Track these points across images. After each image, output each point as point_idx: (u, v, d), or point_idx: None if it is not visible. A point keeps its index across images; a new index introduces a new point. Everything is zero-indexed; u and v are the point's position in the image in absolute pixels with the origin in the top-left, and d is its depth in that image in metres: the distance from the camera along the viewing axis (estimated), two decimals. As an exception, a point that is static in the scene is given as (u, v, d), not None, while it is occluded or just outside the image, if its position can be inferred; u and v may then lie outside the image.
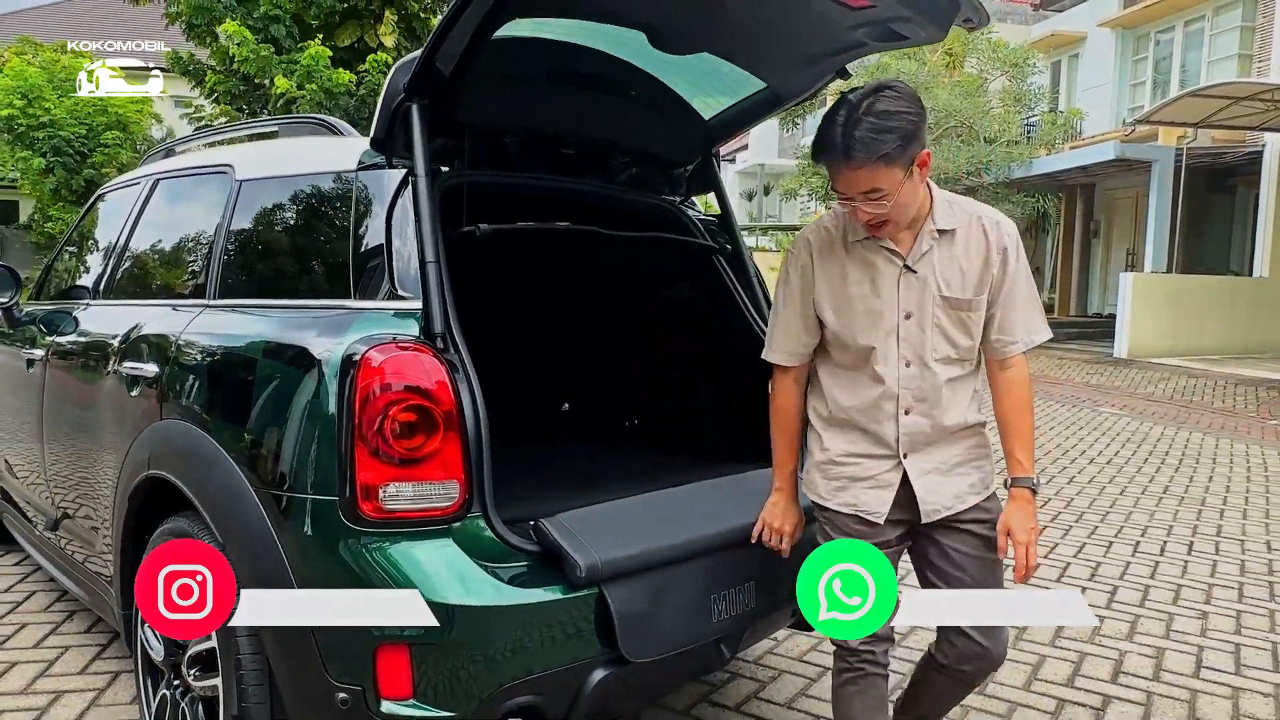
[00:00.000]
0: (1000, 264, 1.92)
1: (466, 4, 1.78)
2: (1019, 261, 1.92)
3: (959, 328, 1.92)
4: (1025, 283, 1.94)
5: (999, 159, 15.18)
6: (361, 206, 2.06)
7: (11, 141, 17.24)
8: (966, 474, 1.98)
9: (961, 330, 1.93)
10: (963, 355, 1.95)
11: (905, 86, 1.85)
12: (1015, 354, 1.95)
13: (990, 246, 1.92)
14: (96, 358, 2.64)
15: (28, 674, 2.80)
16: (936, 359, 1.93)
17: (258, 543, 1.83)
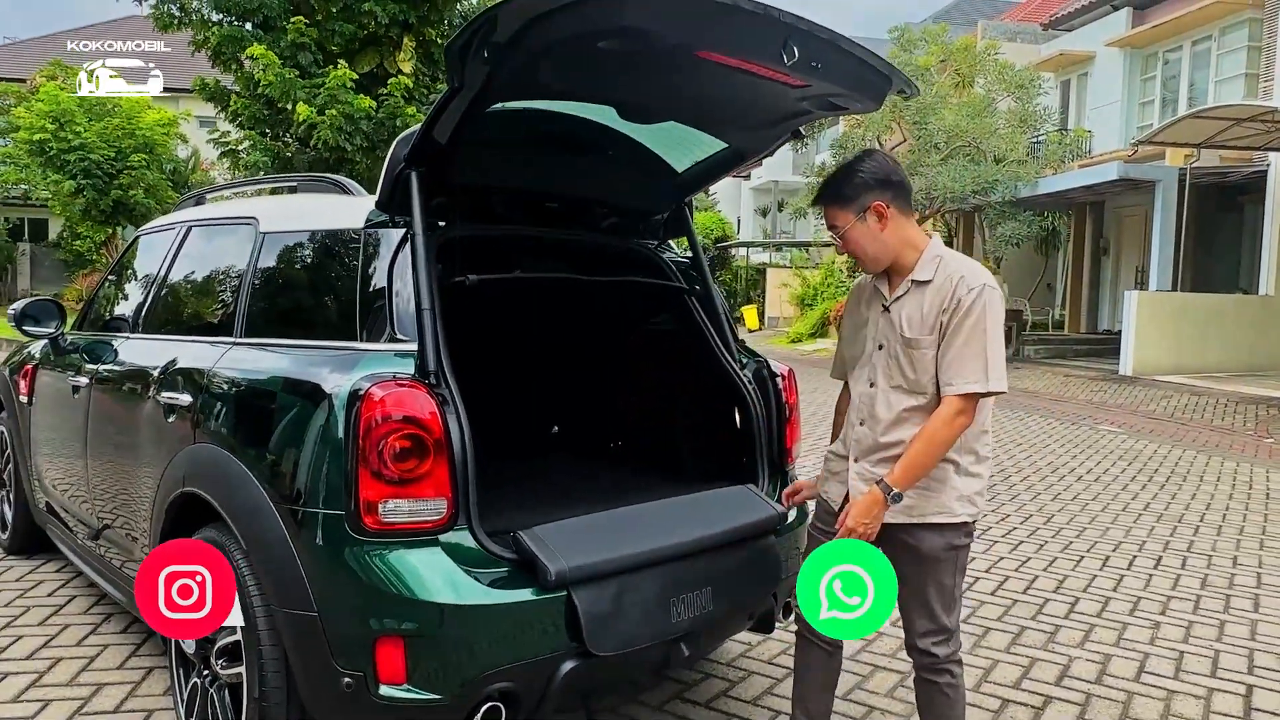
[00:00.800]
0: (951, 314, 2.16)
1: (454, 95, 2.10)
2: (972, 316, 2.13)
3: (910, 363, 2.22)
4: (974, 335, 2.13)
5: (1005, 178, 15.40)
6: (367, 259, 2.38)
7: (43, 164, 17.82)
8: (908, 495, 2.20)
9: (909, 365, 2.22)
10: (913, 387, 2.22)
11: (879, 153, 2.33)
12: (947, 394, 2.16)
13: (950, 298, 2.17)
14: (137, 386, 2.97)
15: (71, 669, 3.12)
16: (892, 385, 2.26)
17: (277, 550, 2.15)
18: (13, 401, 4.17)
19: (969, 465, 2.25)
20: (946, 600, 2.28)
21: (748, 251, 32.96)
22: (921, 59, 16.98)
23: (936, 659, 2.29)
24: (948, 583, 2.27)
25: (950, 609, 2.29)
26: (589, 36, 1.96)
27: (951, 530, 2.25)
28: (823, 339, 21.49)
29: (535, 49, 1.98)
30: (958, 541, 2.27)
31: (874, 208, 2.22)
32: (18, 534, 4.24)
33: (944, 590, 2.27)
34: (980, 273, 2.21)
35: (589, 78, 2.29)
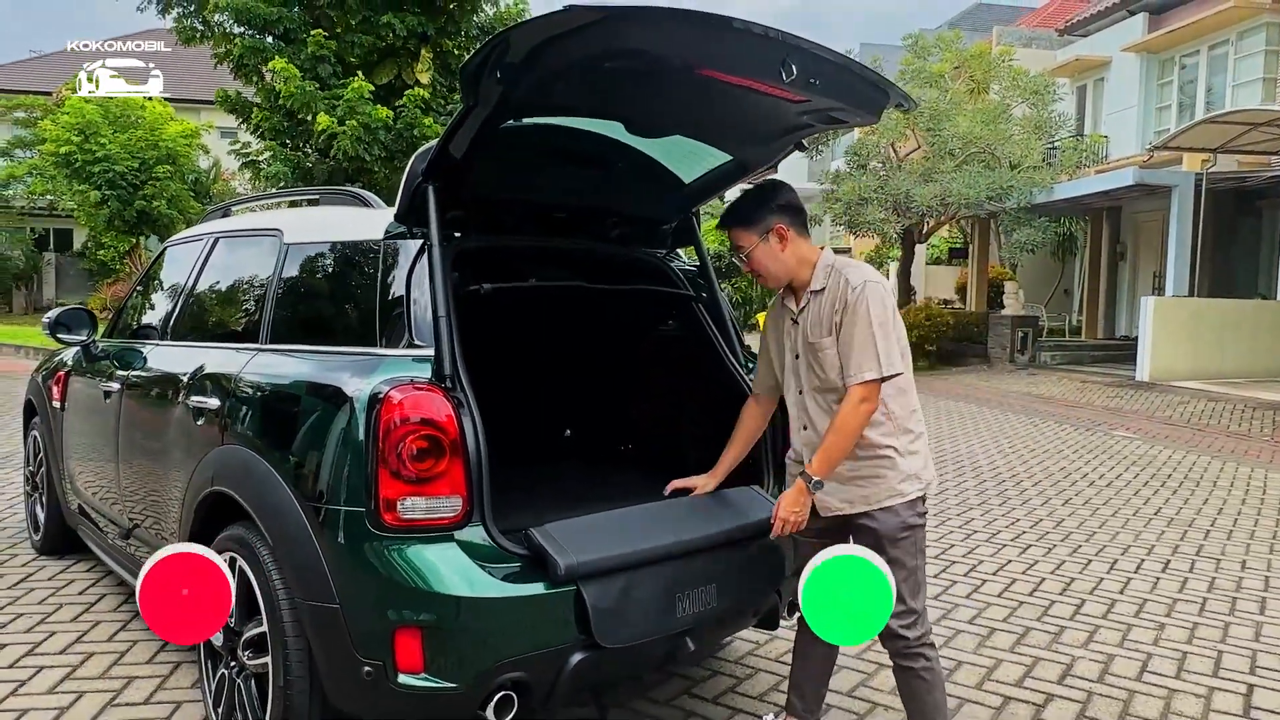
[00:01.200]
0: (842, 313, 2.37)
1: (469, 112, 2.21)
2: (858, 312, 2.34)
3: (819, 364, 2.44)
4: (863, 329, 2.33)
5: (1020, 184, 15.40)
6: (387, 269, 2.49)
7: (69, 175, 18.16)
8: (860, 486, 2.41)
9: (819, 366, 2.44)
10: (825, 385, 2.44)
11: (779, 181, 2.59)
12: (849, 385, 2.35)
13: (839, 299, 2.38)
14: (167, 391, 3.10)
15: (103, 663, 3.25)
16: (811, 387, 2.48)
17: (301, 545, 2.26)
18: (46, 407, 4.32)
19: (907, 445, 2.43)
20: (910, 582, 2.41)
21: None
22: (935, 66, 17.01)
23: (908, 641, 2.42)
24: (909, 563, 2.41)
25: (915, 592, 2.43)
26: (596, 57, 2.07)
27: (905, 509, 2.41)
28: (838, 345, 21.55)
29: (546, 69, 2.08)
30: (912, 520, 2.41)
31: (776, 230, 2.45)
32: (50, 535, 4.39)
33: (905, 570, 2.40)
34: (863, 272, 2.42)
35: (597, 95, 2.39)
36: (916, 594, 2.43)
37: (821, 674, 2.68)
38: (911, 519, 2.42)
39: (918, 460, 2.45)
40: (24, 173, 23.89)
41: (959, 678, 3.32)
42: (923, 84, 16.40)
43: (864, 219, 16.10)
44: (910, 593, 2.41)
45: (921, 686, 2.45)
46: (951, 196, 15.15)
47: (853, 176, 16.77)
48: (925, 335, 16.24)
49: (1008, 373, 15.57)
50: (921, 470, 2.45)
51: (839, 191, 16.45)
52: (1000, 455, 8.19)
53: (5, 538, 4.80)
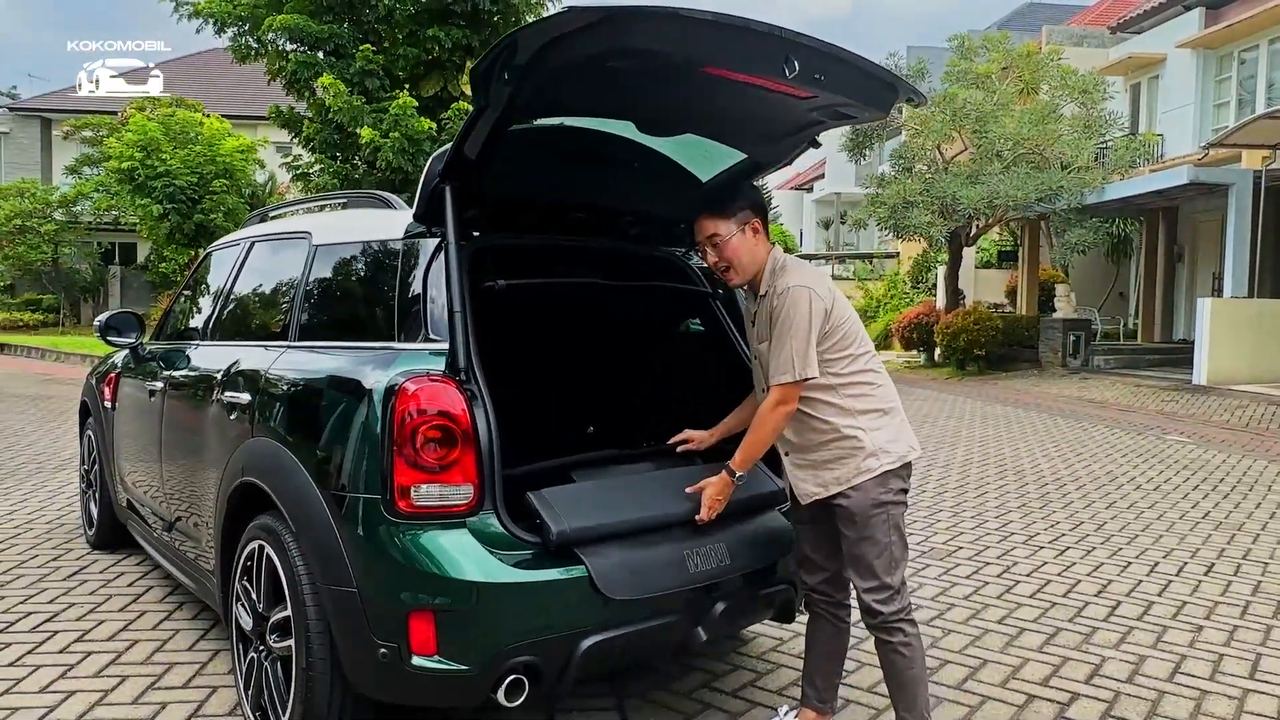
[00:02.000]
0: (773, 318, 2.47)
1: (480, 114, 2.28)
2: (781, 316, 2.43)
3: (761, 367, 2.56)
4: (781, 333, 2.42)
5: (1070, 185, 15.09)
6: (405, 267, 2.58)
7: (132, 190, 18.82)
8: (831, 469, 2.48)
9: (762, 370, 2.56)
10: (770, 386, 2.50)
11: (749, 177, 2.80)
12: (772, 384, 2.44)
13: (773, 305, 2.47)
14: (203, 388, 3.24)
15: (147, 649, 3.39)
16: (764, 389, 2.54)
17: (322, 532, 2.35)
18: (98, 407, 4.52)
19: (870, 424, 2.46)
20: (884, 558, 2.44)
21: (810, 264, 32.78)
22: (981, 66, 16.77)
23: (884, 616, 2.45)
24: (881, 539, 2.45)
25: (890, 568, 2.45)
26: (599, 57, 2.13)
27: (874, 485, 2.44)
28: (886, 351, 21.30)
29: (551, 70, 2.15)
30: (882, 496, 2.43)
31: (751, 223, 2.54)
32: (103, 530, 4.58)
33: (879, 546, 2.44)
34: (793, 276, 2.47)
35: (606, 95, 2.45)
36: (891, 570, 2.46)
37: (832, 664, 2.70)
38: (882, 495, 2.45)
39: (882, 435, 2.47)
40: (91, 189, 24.84)
41: (983, 675, 3.30)
42: (969, 85, 16.19)
43: (909, 222, 15.93)
44: (884, 569, 2.45)
45: (900, 661, 2.48)
46: (999, 198, 14.92)
47: (898, 180, 16.61)
48: (974, 339, 15.99)
49: (1059, 377, 15.26)
50: (889, 443, 2.47)
51: (883, 195, 16.31)
52: (1045, 459, 8.04)
53: (63, 533, 5.02)
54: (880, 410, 2.50)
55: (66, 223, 25.90)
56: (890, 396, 2.55)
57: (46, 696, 2.99)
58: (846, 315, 2.49)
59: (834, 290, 2.51)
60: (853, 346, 2.48)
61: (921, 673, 2.50)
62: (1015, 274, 19.98)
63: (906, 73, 16.87)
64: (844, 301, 2.52)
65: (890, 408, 2.53)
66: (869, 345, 2.55)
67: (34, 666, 3.23)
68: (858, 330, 2.51)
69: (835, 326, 2.46)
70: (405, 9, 14.13)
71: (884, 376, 2.56)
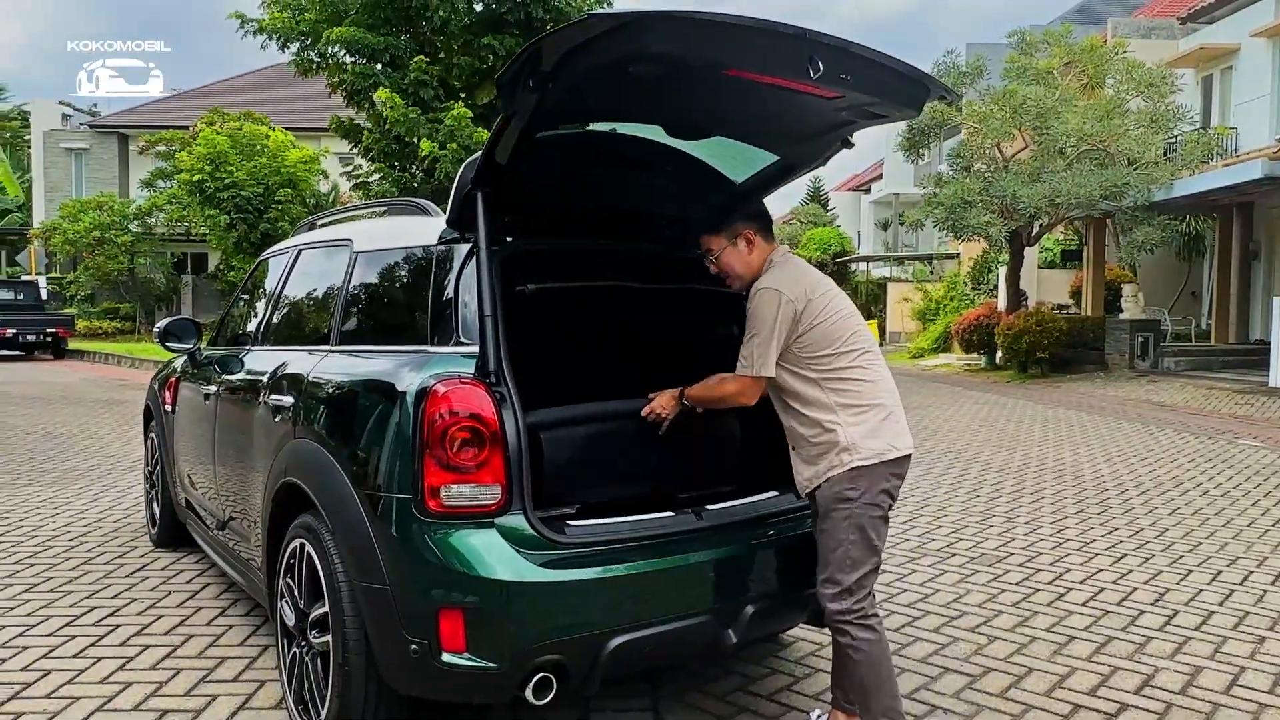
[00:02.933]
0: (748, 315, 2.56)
1: (508, 121, 2.32)
2: (750, 315, 2.54)
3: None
4: (749, 330, 2.54)
5: (1137, 181, 14.63)
6: (439, 272, 2.64)
7: (202, 202, 19.51)
8: (814, 463, 2.54)
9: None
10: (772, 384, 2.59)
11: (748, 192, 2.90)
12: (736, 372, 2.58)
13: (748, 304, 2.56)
14: (252, 391, 3.35)
15: (201, 644, 3.52)
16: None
17: (357, 530, 2.41)
18: (160, 411, 4.70)
19: (849, 419, 2.47)
20: (839, 554, 2.45)
21: (868, 266, 32.36)
22: (1043, 62, 16.38)
23: (830, 612, 2.48)
24: (839, 535, 2.46)
25: (844, 567, 2.46)
26: (621, 62, 2.15)
27: (840, 479, 2.46)
28: (945, 354, 20.90)
29: (575, 76, 2.17)
30: (846, 492, 2.44)
31: (744, 235, 2.62)
32: (164, 529, 4.76)
33: (834, 541, 2.47)
34: (768, 278, 2.54)
35: (631, 100, 2.48)
36: (845, 569, 2.46)
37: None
38: (847, 491, 2.45)
39: (858, 430, 2.47)
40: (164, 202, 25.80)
41: (1027, 684, 3.22)
42: (1029, 81, 15.82)
43: (967, 222, 15.63)
44: (838, 566, 2.46)
45: (849, 662, 2.50)
46: (1061, 196, 14.55)
47: (956, 179, 16.31)
48: (1036, 341, 15.61)
49: (1126, 380, 14.80)
50: (864, 439, 2.46)
51: (940, 195, 16.02)
52: (1106, 463, 7.81)
53: (129, 532, 5.23)
54: (862, 406, 2.50)
55: (141, 234, 26.94)
56: (877, 393, 2.53)
57: (105, 687, 3.12)
58: (828, 313, 2.51)
59: (814, 290, 2.53)
60: (835, 344, 2.50)
61: (877, 681, 2.47)
62: (1080, 274, 19.45)
63: (964, 70, 16.55)
64: (828, 299, 2.53)
65: (874, 404, 2.51)
66: (861, 342, 2.54)
67: (96, 658, 3.37)
68: (844, 327, 2.52)
69: (812, 325, 2.48)
70: (460, 20, 14.40)
71: (876, 373, 2.55)
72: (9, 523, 5.41)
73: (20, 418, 10.40)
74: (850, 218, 40.36)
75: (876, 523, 2.49)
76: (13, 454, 7.89)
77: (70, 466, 7.34)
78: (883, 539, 2.53)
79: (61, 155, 31.57)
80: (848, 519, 2.46)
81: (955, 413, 11.49)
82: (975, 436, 9.37)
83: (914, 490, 6.60)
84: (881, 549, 2.53)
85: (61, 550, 4.82)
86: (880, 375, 2.57)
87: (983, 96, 16.18)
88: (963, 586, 4.33)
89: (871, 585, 2.51)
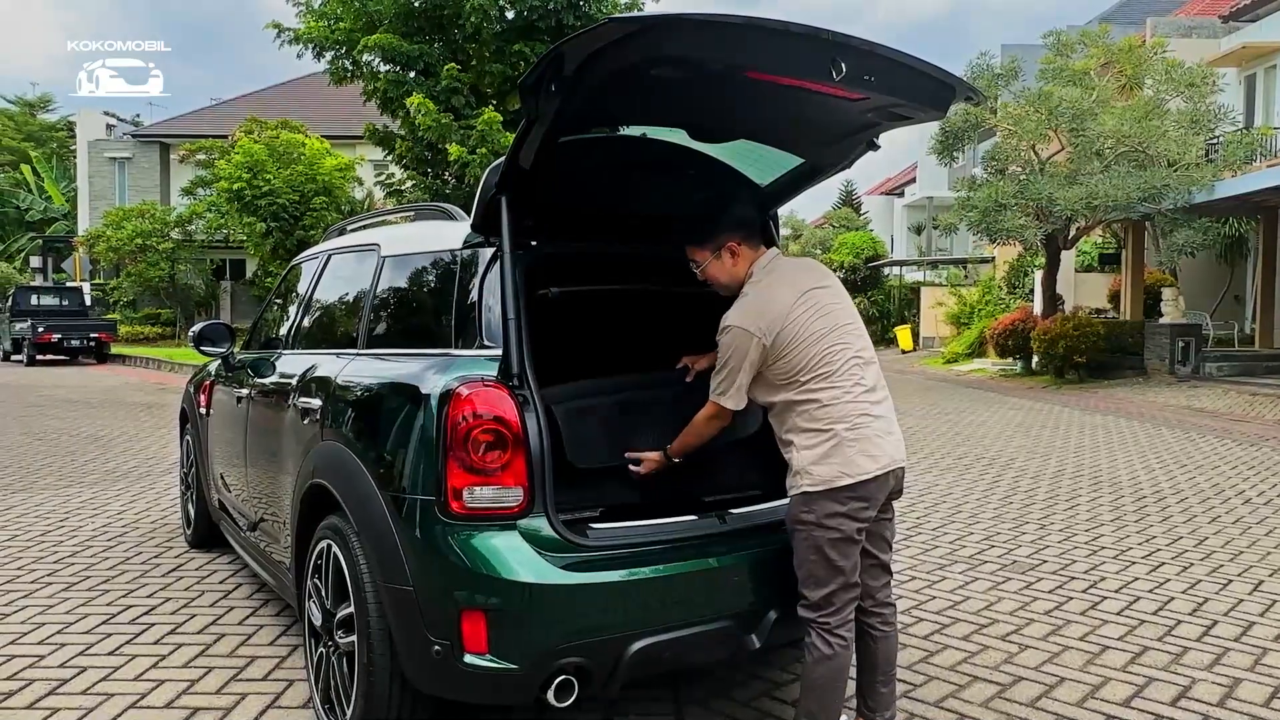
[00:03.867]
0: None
1: (531, 126, 2.34)
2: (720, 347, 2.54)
3: None
4: (718, 361, 2.55)
5: (1177, 183, 14.34)
6: (463, 276, 2.66)
7: (240, 209, 19.84)
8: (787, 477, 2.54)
9: None
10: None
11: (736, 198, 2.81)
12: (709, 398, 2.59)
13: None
14: (282, 395, 3.39)
15: (232, 643, 3.57)
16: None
17: (382, 532, 2.43)
18: (195, 413, 4.79)
19: (804, 442, 2.46)
20: (804, 573, 2.48)
21: (901, 270, 32.05)
22: (1079, 63, 16.14)
23: (801, 615, 2.50)
24: (800, 554, 2.48)
25: (809, 585, 2.47)
26: (641, 66, 2.15)
27: (796, 502, 2.48)
28: (980, 359, 20.63)
29: (597, 80, 2.18)
30: (804, 515, 2.44)
31: (728, 246, 2.61)
32: (199, 529, 4.85)
33: (799, 559, 2.49)
34: (734, 313, 2.53)
35: (653, 104, 2.48)
36: (809, 587, 2.47)
37: (868, 672, 2.66)
38: (803, 514, 2.45)
39: (808, 455, 2.45)
40: (204, 209, 26.31)
41: (1058, 693, 3.16)
42: (1065, 82, 15.60)
43: (1001, 225, 15.43)
44: (803, 582, 2.48)
45: (807, 663, 2.50)
46: (1098, 199, 14.29)
47: (990, 182, 16.11)
48: (1073, 346, 15.36)
49: (1165, 385, 14.51)
50: (811, 465, 2.43)
51: (974, 198, 15.84)
52: (1144, 470, 7.66)
53: (165, 532, 5.33)
54: (817, 431, 2.45)
55: (182, 241, 27.51)
56: (835, 418, 2.43)
57: (139, 684, 3.18)
58: (799, 339, 2.45)
59: (788, 315, 2.46)
60: (800, 371, 2.45)
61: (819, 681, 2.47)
62: (1118, 278, 19.12)
63: (998, 72, 16.36)
64: (803, 323, 2.46)
65: (829, 430, 2.43)
66: (832, 363, 2.46)
67: (130, 655, 3.43)
68: (815, 352, 2.45)
69: (780, 356, 2.46)
70: (492, 27, 14.53)
71: (835, 395, 2.45)
72: (50, 522, 5.54)
73: (64, 420, 10.64)
74: (883, 221, 40.05)
75: (838, 544, 2.43)
76: (55, 456, 8.08)
77: (110, 468, 7.49)
78: (849, 559, 2.45)
79: (105, 164, 32.34)
80: (806, 540, 2.45)
81: (989, 418, 11.34)
82: (1009, 442, 9.23)
83: (946, 497, 6.53)
84: (849, 568, 2.46)
85: (100, 550, 4.92)
86: (848, 397, 2.46)
87: (1017, 98, 15.97)
88: (994, 594, 4.27)
89: (842, 603, 2.47)
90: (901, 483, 2.60)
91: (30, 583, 4.33)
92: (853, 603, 2.51)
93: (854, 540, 2.46)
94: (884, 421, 2.52)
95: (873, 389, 2.53)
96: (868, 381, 2.52)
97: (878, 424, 2.49)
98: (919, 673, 3.34)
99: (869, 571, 2.59)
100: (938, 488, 6.84)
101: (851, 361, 2.50)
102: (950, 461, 8.00)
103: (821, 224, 41.08)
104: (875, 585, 2.62)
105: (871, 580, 2.60)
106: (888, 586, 2.67)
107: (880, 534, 2.62)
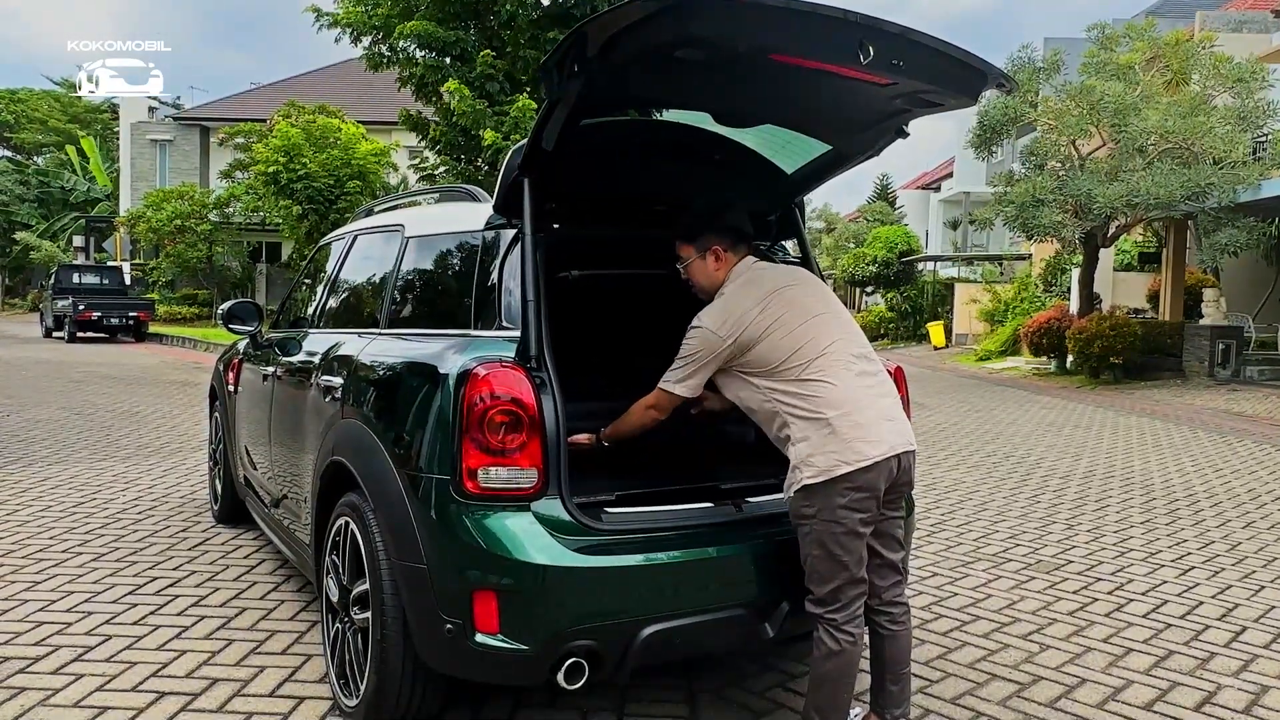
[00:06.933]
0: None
1: (553, 107, 2.33)
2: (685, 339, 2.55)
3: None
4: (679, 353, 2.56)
5: (1222, 182, 14.00)
6: (484, 258, 2.66)
7: (276, 192, 20.06)
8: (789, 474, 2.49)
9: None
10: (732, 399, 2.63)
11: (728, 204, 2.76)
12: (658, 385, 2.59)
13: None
14: (305, 373, 3.43)
15: (254, 617, 3.62)
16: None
17: (397, 509, 2.45)
18: (223, 391, 4.85)
19: (799, 433, 2.41)
20: (809, 568, 2.45)
21: (935, 265, 31.65)
22: (1124, 57, 15.79)
23: (809, 610, 2.47)
24: (805, 549, 2.45)
25: (815, 580, 2.44)
26: (665, 47, 2.13)
27: (797, 497, 2.44)
28: (1013, 357, 20.34)
29: (620, 61, 2.16)
30: (802, 509, 2.40)
31: (713, 249, 2.62)
32: (225, 505, 4.92)
33: (804, 554, 2.45)
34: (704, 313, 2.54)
35: (677, 86, 2.45)
36: (815, 582, 2.43)
37: (880, 668, 2.62)
38: (803, 508, 2.41)
39: (804, 447, 2.41)
40: (241, 192, 26.63)
41: (1079, 694, 3.11)
42: (1108, 77, 15.27)
43: (1038, 221, 15.15)
44: (809, 577, 2.45)
45: (815, 658, 2.47)
46: (1139, 196, 13.98)
47: (1028, 177, 15.83)
48: (1109, 346, 15.08)
49: (1204, 388, 14.21)
50: (811, 456, 2.38)
51: (1011, 193, 15.58)
52: (1178, 473, 7.51)
53: (193, 507, 5.41)
54: (808, 420, 2.41)
55: (219, 223, 27.87)
56: (823, 405, 2.40)
57: (161, 654, 3.24)
58: (769, 333, 2.45)
59: (754, 316, 2.45)
60: (775, 363, 2.45)
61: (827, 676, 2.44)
62: (1158, 277, 18.72)
63: (1040, 65, 16.06)
64: (771, 319, 2.45)
65: (819, 416, 2.39)
66: (811, 351, 2.44)
67: (154, 626, 3.49)
68: (789, 344, 2.44)
69: (748, 347, 2.46)
70: (527, 14, 14.51)
71: (821, 384, 2.42)
72: (84, 494, 5.65)
73: (101, 396, 10.85)
74: (918, 216, 39.56)
75: (841, 538, 2.38)
76: (91, 430, 8.24)
77: (144, 443, 7.63)
78: (852, 553, 2.40)
79: (147, 146, 32.85)
80: (808, 535, 2.42)
81: (1020, 416, 11.18)
82: (1040, 441, 9.10)
83: (972, 494, 6.45)
84: (853, 563, 2.41)
85: (130, 522, 5.01)
86: (837, 380, 2.43)
87: (1059, 92, 15.67)
88: (1017, 593, 4.21)
89: (848, 599, 2.42)
90: (910, 474, 2.52)
91: (61, 552, 4.42)
92: (860, 598, 2.47)
93: (857, 534, 2.41)
94: (881, 408, 2.47)
95: (865, 375, 2.49)
96: (857, 368, 2.49)
97: (873, 410, 2.44)
98: (936, 669, 3.30)
99: (877, 571, 2.54)
100: (964, 484, 6.76)
101: (835, 348, 2.47)
102: (979, 459, 7.90)
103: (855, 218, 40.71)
104: (883, 585, 2.56)
105: (879, 580, 2.55)
106: (897, 586, 2.61)
107: (890, 533, 2.57)
